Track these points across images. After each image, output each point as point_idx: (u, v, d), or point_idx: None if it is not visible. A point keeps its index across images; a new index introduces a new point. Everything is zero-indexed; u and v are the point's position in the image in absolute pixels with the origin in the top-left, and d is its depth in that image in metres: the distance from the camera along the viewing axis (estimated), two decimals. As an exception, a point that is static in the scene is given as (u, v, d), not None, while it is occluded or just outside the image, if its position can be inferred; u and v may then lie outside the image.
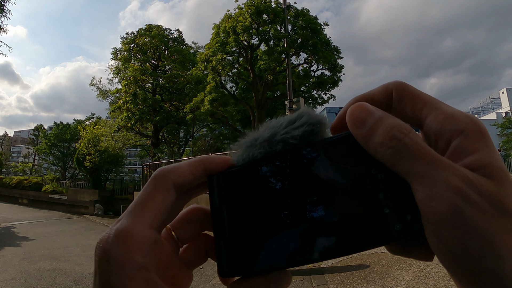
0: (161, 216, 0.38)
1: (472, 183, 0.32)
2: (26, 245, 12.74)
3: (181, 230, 0.44)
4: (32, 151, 59.29)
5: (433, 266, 7.09)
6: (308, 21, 22.79)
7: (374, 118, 0.36)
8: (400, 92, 0.39)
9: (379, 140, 0.35)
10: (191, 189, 0.44)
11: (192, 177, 0.41)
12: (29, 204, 30.72)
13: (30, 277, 8.59)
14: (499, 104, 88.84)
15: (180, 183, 0.40)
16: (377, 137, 0.35)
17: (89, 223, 20.65)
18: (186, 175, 0.41)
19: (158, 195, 0.38)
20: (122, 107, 27.67)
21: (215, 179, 0.42)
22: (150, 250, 0.36)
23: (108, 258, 0.34)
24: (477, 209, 0.31)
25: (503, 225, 0.30)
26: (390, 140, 0.35)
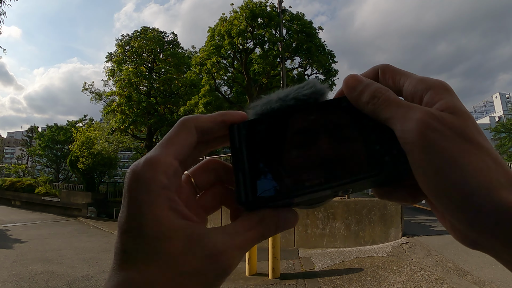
0: (183, 151, 0.45)
1: (436, 116, 0.39)
2: (18, 247, 12.70)
3: (199, 177, 0.50)
4: (25, 152, 59.01)
5: (426, 270, 7.14)
6: (303, 25, 22.86)
7: (362, 85, 0.46)
8: (384, 70, 0.49)
9: (365, 99, 0.45)
10: (209, 140, 0.50)
11: (211, 124, 0.47)
12: (22, 206, 30.60)
13: (22, 279, 8.57)
14: (492, 108, 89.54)
15: (201, 127, 0.47)
16: (363, 98, 0.45)
17: (82, 225, 20.59)
18: (206, 122, 0.47)
19: (182, 134, 0.45)
20: (116, 110, 27.57)
21: (235, 126, 0.48)
22: (173, 176, 0.42)
23: (138, 178, 0.41)
24: (441, 135, 0.38)
25: (466, 148, 0.38)
26: (372, 98, 0.44)
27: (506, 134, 46.34)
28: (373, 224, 10.55)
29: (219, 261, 0.40)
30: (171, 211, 0.40)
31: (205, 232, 0.41)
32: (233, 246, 0.42)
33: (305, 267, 8.50)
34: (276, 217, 0.45)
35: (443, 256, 8.15)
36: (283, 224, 0.46)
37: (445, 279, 6.52)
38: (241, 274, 8.00)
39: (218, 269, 0.40)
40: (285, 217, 0.46)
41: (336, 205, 10.96)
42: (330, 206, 10.95)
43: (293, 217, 0.47)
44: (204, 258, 0.39)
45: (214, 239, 0.41)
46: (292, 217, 0.47)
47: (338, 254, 9.32)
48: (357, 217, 10.71)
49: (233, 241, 0.42)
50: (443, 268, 7.36)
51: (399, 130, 0.42)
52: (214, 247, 0.40)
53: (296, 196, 0.45)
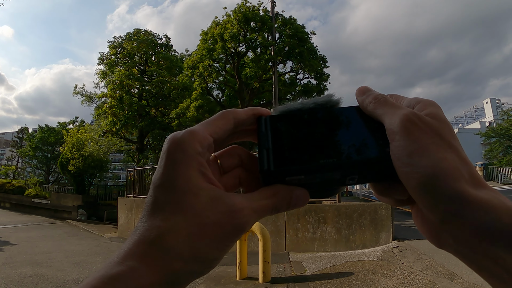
0: (219, 132, 0.52)
1: (418, 115, 0.47)
2: (8, 249, 12.60)
3: (224, 159, 0.56)
4: (15, 153, 58.51)
5: (416, 274, 7.16)
6: (295, 30, 22.95)
7: (370, 91, 0.55)
8: (390, 94, 0.57)
9: (369, 100, 0.53)
10: (238, 131, 0.57)
11: (245, 116, 0.55)
12: (12, 208, 30.34)
13: (11, 282, 8.50)
14: (483, 113, 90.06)
15: (237, 118, 0.54)
16: (368, 99, 0.53)
17: (72, 228, 20.47)
18: (242, 114, 0.55)
19: (220, 120, 0.53)
20: (107, 112, 27.49)
21: (263, 117, 0.56)
22: (207, 148, 0.49)
23: (177, 142, 0.47)
24: (419, 128, 0.45)
25: (438, 142, 0.45)
26: (374, 99, 0.52)
27: (496, 139, 46.79)
28: (363, 228, 10.57)
29: (236, 217, 0.45)
30: (200, 174, 0.46)
31: (227, 194, 0.47)
32: (250, 207, 0.47)
33: (296, 271, 8.50)
34: (289, 192, 0.50)
35: (433, 260, 8.19)
36: (295, 200, 0.51)
37: (435, 283, 6.54)
38: (231, 278, 7.98)
39: (236, 224, 0.45)
40: (297, 195, 0.51)
41: (327, 209, 10.98)
42: (320, 210, 10.96)
43: (304, 195, 0.52)
44: (224, 213, 0.45)
45: (234, 199, 0.46)
46: (304, 196, 0.52)
47: (328, 258, 9.33)
48: (347, 221, 10.74)
49: (250, 204, 0.47)
50: (434, 272, 7.39)
51: (387, 122, 0.49)
52: (233, 205, 0.45)
53: (310, 171, 0.50)
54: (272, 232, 10.69)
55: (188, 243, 0.43)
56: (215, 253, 0.45)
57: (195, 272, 0.45)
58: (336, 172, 0.51)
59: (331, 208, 11.03)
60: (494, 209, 0.40)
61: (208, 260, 0.45)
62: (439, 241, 0.46)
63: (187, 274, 0.44)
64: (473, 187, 0.42)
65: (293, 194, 0.51)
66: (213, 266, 0.46)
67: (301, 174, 0.50)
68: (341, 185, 0.54)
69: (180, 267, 0.43)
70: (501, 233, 0.39)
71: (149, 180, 18.82)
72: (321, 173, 0.51)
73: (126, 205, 17.48)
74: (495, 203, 0.41)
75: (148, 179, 18.92)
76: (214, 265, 0.46)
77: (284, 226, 11.06)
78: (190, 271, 0.44)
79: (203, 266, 0.45)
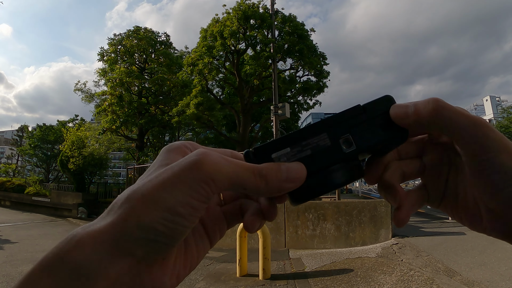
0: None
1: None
2: (8, 248, 12.61)
3: (225, 192, 0.54)
4: (15, 152, 58.47)
5: (416, 270, 7.18)
6: (295, 27, 22.92)
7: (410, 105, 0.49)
8: None
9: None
10: None
11: None
12: (12, 206, 30.33)
13: (12, 280, 8.51)
14: (482, 111, 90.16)
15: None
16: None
17: (72, 226, 20.46)
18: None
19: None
20: (107, 109, 27.46)
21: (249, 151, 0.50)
22: None
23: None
24: (450, 110, 0.45)
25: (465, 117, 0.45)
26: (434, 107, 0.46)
27: (496, 137, 46.83)
28: (363, 225, 10.58)
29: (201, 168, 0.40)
30: None
31: None
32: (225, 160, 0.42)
33: (296, 268, 8.51)
34: (277, 165, 0.46)
35: (432, 257, 8.21)
36: (286, 172, 0.45)
37: (434, 280, 6.56)
38: (231, 275, 8.00)
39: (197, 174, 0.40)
40: (288, 166, 0.46)
41: (327, 206, 10.99)
42: (320, 207, 10.97)
43: (298, 167, 0.46)
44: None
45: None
46: (297, 167, 0.46)
47: (328, 255, 9.34)
48: (347, 218, 10.75)
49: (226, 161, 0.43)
50: (433, 268, 7.41)
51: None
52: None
53: (295, 140, 0.48)
54: (272, 229, 10.71)
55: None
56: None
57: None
58: (323, 135, 0.49)
59: (331, 205, 11.04)
60: None
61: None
62: (504, 231, 0.47)
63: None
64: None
65: (282, 165, 0.46)
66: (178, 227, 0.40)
67: (287, 146, 0.48)
68: (339, 156, 0.49)
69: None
70: None
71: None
72: (307, 140, 0.48)
73: (126, 203, 17.51)
74: None
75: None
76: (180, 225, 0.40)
77: (284, 223, 11.07)
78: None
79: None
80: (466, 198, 0.51)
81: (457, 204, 0.53)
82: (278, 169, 0.45)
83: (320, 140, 0.48)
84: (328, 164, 0.48)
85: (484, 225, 0.49)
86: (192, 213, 0.40)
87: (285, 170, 0.45)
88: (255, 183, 0.43)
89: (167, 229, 0.38)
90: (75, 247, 0.36)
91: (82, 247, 0.36)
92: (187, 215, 0.39)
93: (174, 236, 0.39)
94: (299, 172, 0.46)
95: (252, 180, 0.43)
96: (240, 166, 0.43)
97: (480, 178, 0.46)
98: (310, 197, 0.49)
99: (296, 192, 0.47)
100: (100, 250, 0.37)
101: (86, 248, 0.36)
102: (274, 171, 0.44)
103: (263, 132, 28.51)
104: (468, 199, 0.51)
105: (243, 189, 0.44)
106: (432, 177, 0.55)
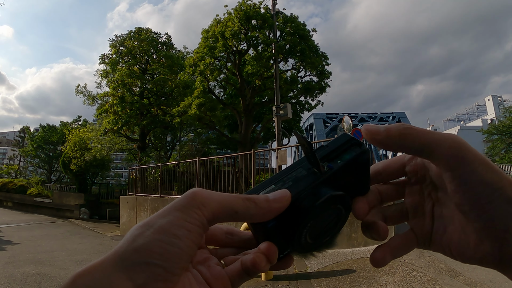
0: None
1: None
2: (10, 249, 12.63)
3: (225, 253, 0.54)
4: (17, 153, 58.53)
5: (418, 271, 7.16)
6: (296, 27, 22.88)
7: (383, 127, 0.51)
8: None
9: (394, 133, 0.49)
10: None
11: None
12: (14, 207, 30.42)
13: (14, 281, 8.53)
14: (484, 111, 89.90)
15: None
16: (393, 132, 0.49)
17: (74, 227, 20.52)
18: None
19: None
20: (109, 110, 27.49)
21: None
22: None
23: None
24: (420, 130, 0.48)
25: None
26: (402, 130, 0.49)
27: (499, 136, 46.60)
28: (365, 225, 10.58)
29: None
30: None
31: None
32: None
33: (298, 268, 8.50)
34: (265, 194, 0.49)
35: (435, 257, 8.18)
36: (272, 195, 0.48)
37: (437, 280, 6.54)
38: (234, 275, 8.01)
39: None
40: (273, 192, 0.49)
41: (329, 206, 10.99)
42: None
43: (283, 190, 0.49)
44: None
45: None
46: (283, 190, 0.49)
47: (330, 256, 9.32)
48: (349, 219, 10.64)
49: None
50: (435, 269, 7.39)
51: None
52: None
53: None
54: (274, 230, 10.70)
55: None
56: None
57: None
58: (300, 169, 0.53)
59: (333, 205, 11.04)
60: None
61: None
62: (478, 252, 0.48)
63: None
64: None
65: (268, 194, 0.49)
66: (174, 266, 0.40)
67: (271, 185, 0.52)
68: (316, 178, 0.51)
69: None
70: None
71: (150, 178, 18.87)
72: (287, 176, 0.53)
73: (128, 204, 17.52)
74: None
75: (149, 178, 18.96)
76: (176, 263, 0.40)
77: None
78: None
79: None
80: (454, 230, 0.51)
81: (447, 239, 0.53)
82: (265, 195, 0.48)
83: (298, 173, 0.52)
84: (307, 185, 0.50)
85: (476, 254, 0.49)
86: (187, 235, 0.41)
87: (271, 194, 0.48)
88: (244, 205, 0.45)
89: (163, 250, 0.39)
90: (81, 275, 0.37)
91: (83, 275, 0.37)
92: (182, 236, 0.40)
93: (171, 258, 0.39)
94: (283, 192, 0.48)
95: (241, 203, 0.45)
96: (230, 195, 0.46)
97: (464, 193, 0.46)
98: (299, 223, 0.49)
99: (286, 224, 0.49)
100: (100, 277, 0.37)
101: (87, 276, 0.37)
102: (262, 196, 0.47)
103: (265, 132, 28.46)
104: (456, 230, 0.51)
105: (234, 212, 0.45)
106: (417, 218, 0.57)
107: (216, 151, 36.68)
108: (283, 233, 0.49)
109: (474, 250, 0.49)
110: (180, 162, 17.97)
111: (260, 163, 14.61)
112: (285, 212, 0.47)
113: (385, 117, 59.41)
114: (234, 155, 17.43)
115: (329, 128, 55.98)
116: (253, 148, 13.48)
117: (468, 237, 0.49)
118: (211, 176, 14.24)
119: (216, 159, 18.53)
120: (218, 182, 14.17)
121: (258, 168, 13.77)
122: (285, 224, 0.48)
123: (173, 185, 17.11)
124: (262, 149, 14.72)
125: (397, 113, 59.35)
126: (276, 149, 13.50)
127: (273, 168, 15.10)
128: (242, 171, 15.51)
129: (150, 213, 15.58)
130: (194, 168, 14.95)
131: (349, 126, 14.18)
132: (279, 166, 12.76)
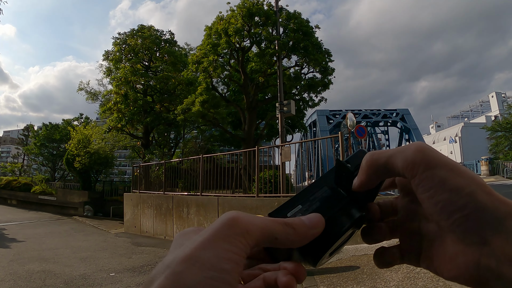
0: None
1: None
2: (15, 246, 12.68)
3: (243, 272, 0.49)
4: (21, 151, 58.74)
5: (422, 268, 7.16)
6: (299, 24, 22.81)
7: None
8: None
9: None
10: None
11: None
12: (18, 205, 30.55)
13: (19, 278, 8.56)
14: (488, 107, 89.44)
15: None
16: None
17: (78, 224, 20.59)
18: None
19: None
20: (112, 108, 27.51)
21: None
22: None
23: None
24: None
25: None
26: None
27: (502, 133, 46.52)
28: (369, 222, 10.57)
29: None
30: None
31: None
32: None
33: (302, 265, 8.51)
34: (299, 217, 0.48)
35: (439, 254, 8.19)
36: (308, 220, 0.48)
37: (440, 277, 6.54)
38: (238, 272, 8.01)
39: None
40: (307, 216, 0.49)
41: (333, 203, 10.99)
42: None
43: (317, 215, 0.49)
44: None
45: None
46: (317, 215, 0.49)
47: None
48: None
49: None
50: (440, 266, 7.39)
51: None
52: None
53: (303, 198, 0.54)
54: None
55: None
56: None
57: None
58: (324, 188, 0.55)
59: (337, 202, 11.04)
60: None
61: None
62: (476, 275, 0.41)
63: None
64: None
65: (303, 217, 0.48)
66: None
67: (297, 204, 0.53)
68: (343, 200, 0.54)
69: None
70: None
71: (154, 175, 18.89)
72: (314, 195, 0.54)
73: (132, 201, 17.57)
74: None
75: (153, 175, 18.98)
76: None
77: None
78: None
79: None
80: (437, 245, 0.48)
81: (430, 256, 0.50)
82: (301, 219, 0.47)
83: (323, 193, 0.54)
84: (338, 208, 0.53)
85: (451, 272, 0.45)
86: (235, 269, 0.38)
87: (307, 219, 0.48)
88: (284, 231, 0.44)
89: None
90: None
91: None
92: (231, 271, 0.38)
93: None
94: (318, 218, 0.48)
95: (281, 229, 0.44)
96: (269, 219, 0.45)
97: (429, 200, 0.44)
98: (326, 246, 0.50)
99: (314, 247, 0.49)
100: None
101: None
102: (299, 220, 0.47)
103: (268, 129, 28.43)
104: (438, 246, 0.48)
105: (274, 238, 0.44)
106: (405, 235, 0.55)
107: (220, 148, 36.59)
108: (307, 253, 0.49)
109: (451, 266, 0.45)
110: (183, 159, 17.94)
111: (264, 160, 14.57)
112: None
113: (388, 113, 59.23)
114: (238, 152, 17.54)
115: (333, 125, 55.86)
116: (256, 145, 13.42)
117: (445, 252, 0.46)
118: (215, 173, 14.24)
119: (220, 156, 18.53)
120: (222, 179, 14.19)
121: (262, 165, 13.74)
122: (311, 245, 0.48)
123: (177, 182, 17.12)
124: (266, 146, 14.66)
125: (401, 110, 58.97)
126: (280, 146, 13.48)
127: (276, 165, 15.04)
128: (245, 168, 15.51)
129: (154, 210, 15.67)
130: (197, 165, 14.95)
131: (353, 123, 14.12)
132: (283, 163, 12.73)
